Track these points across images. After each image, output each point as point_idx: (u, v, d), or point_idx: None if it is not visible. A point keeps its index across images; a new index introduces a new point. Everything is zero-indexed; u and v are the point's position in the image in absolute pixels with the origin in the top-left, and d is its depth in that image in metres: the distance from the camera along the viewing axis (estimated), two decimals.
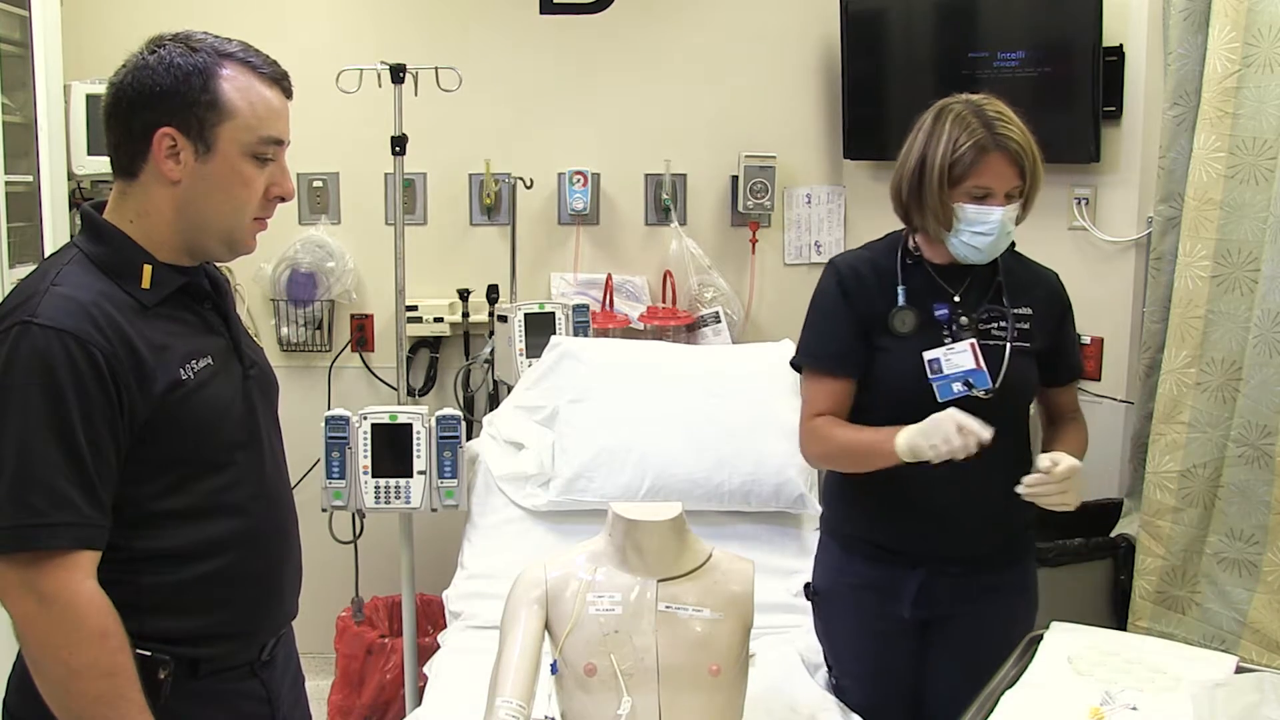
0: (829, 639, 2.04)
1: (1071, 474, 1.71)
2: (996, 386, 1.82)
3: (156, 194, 1.33)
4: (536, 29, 3.34)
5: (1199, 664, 1.62)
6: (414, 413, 2.52)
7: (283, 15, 3.18)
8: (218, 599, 1.37)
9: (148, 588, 1.31)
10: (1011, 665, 1.68)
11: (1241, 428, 2.40)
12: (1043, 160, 1.83)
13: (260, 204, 1.37)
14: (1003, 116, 1.80)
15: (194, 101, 1.30)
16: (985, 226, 1.78)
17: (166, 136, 1.30)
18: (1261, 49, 2.34)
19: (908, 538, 1.88)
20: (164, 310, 1.34)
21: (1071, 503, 1.73)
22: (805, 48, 3.39)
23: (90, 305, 1.26)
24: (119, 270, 1.31)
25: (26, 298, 1.27)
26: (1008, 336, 1.85)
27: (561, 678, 1.61)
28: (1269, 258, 2.32)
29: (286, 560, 1.49)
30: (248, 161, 1.34)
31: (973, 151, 1.77)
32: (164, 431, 1.30)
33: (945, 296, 1.88)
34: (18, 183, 2.46)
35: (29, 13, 2.51)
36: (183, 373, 1.32)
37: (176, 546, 1.33)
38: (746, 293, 3.44)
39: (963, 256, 1.84)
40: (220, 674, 1.39)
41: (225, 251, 1.40)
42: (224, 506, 1.37)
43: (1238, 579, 2.44)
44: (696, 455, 2.55)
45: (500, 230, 3.37)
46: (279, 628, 1.49)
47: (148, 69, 1.31)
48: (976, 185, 1.78)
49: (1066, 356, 1.96)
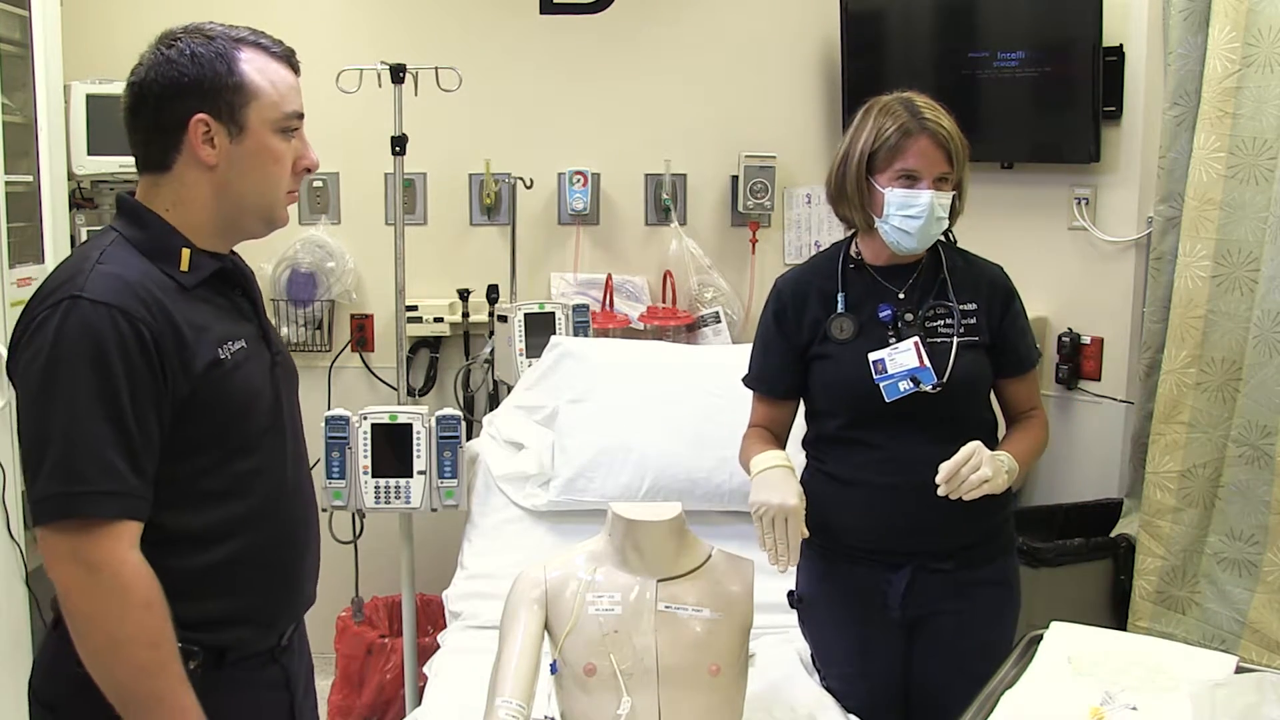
0: (815, 642, 2.05)
1: (973, 452, 1.73)
2: (944, 381, 1.84)
3: (193, 180, 1.36)
4: (536, 29, 3.34)
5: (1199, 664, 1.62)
6: (414, 413, 2.52)
7: (283, 15, 3.18)
8: (242, 582, 1.39)
9: (177, 571, 1.32)
10: (1011, 665, 1.67)
11: (1241, 428, 2.40)
12: (967, 155, 1.86)
13: (291, 177, 1.42)
14: (930, 106, 1.85)
15: (222, 86, 1.34)
16: (914, 209, 1.80)
17: (200, 123, 1.33)
18: (1261, 49, 2.34)
19: (883, 539, 1.90)
20: (201, 293, 1.37)
21: (991, 476, 1.73)
22: (805, 48, 3.39)
23: (136, 283, 1.29)
24: (159, 253, 1.35)
25: (72, 275, 1.29)
26: (954, 332, 1.87)
27: (561, 678, 1.61)
28: (1269, 258, 2.32)
29: (307, 546, 1.52)
30: (276, 137, 1.38)
31: (898, 135, 1.81)
32: (201, 410, 1.33)
33: (889, 296, 1.90)
34: (18, 183, 2.46)
35: (29, 13, 2.50)
36: (220, 352, 1.35)
37: (205, 527, 1.36)
38: (746, 293, 3.44)
39: (895, 243, 1.86)
40: (244, 661, 1.42)
41: (264, 226, 1.44)
42: (251, 490, 1.40)
43: (1238, 579, 2.44)
44: (696, 455, 2.55)
45: (500, 230, 3.37)
46: (299, 613, 1.53)
47: (170, 62, 1.34)
48: (903, 168, 1.82)
49: (1015, 347, 1.95)
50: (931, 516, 1.85)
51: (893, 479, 1.87)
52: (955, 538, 1.88)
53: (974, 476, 1.72)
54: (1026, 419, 1.98)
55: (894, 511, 1.88)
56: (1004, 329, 1.93)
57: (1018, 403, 1.99)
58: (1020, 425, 1.98)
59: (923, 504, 1.84)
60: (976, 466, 1.72)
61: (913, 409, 1.84)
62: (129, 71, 1.38)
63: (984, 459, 1.73)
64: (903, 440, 1.86)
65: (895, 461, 1.87)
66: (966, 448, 1.74)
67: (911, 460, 1.85)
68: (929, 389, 1.83)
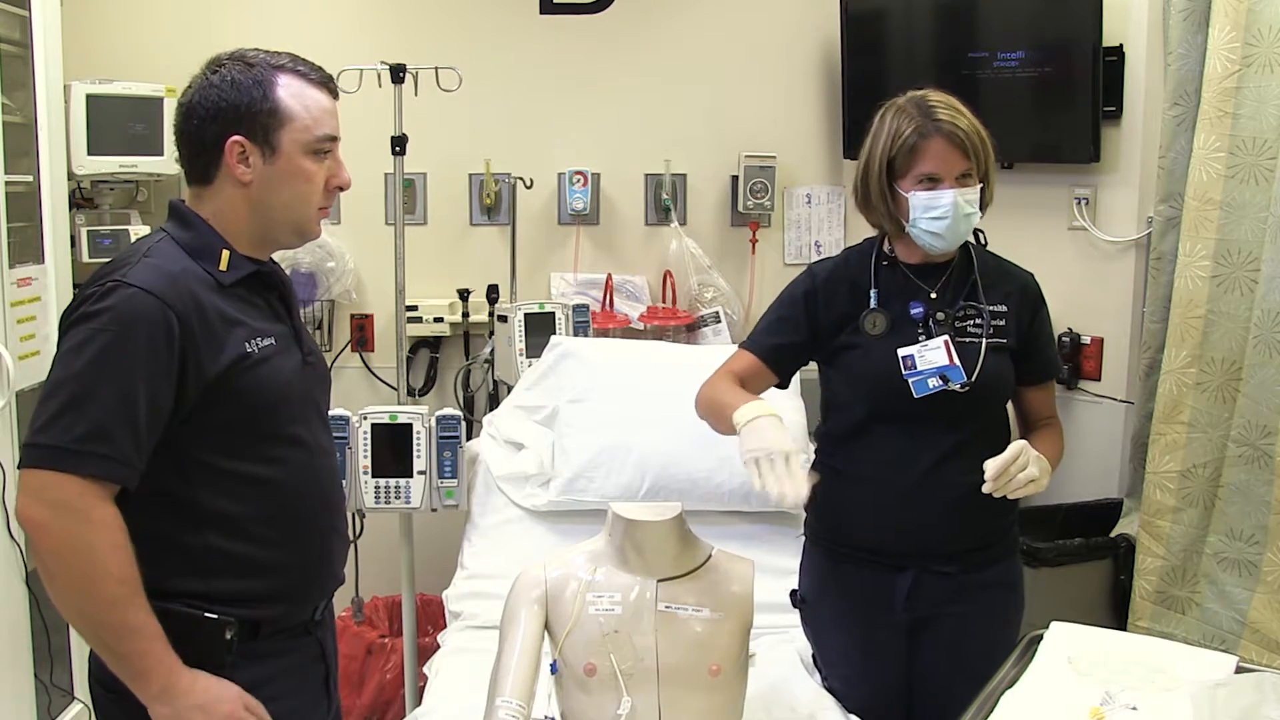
0: (818, 644, 2.04)
1: (1021, 450, 1.72)
2: (972, 381, 1.84)
3: (230, 195, 1.49)
4: (536, 29, 3.34)
5: (1199, 664, 1.62)
6: (414, 413, 2.52)
7: (283, 16, 3.18)
8: (273, 562, 1.49)
9: (214, 549, 1.45)
10: (1011, 665, 1.67)
11: (1241, 428, 2.40)
12: (994, 149, 1.85)
13: (322, 195, 1.54)
14: (944, 104, 1.83)
15: (257, 111, 1.46)
16: (938, 211, 1.80)
17: (236, 144, 1.46)
18: (1261, 49, 2.34)
19: (890, 539, 1.89)
20: (237, 291, 1.49)
21: (1039, 476, 1.73)
22: (805, 48, 3.39)
23: (176, 276, 1.42)
24: (201, 252, 1.48)
25: (121, 264, 1.43)
26: (983, 333, 1.87)
27: (561, 678, 1.61)
28: (1269, 258, 2.32)
29: (336, 530, 1.63)
30: (308, 158, 1.50)
31: (914, 138, 1.81)
32: (229, 397, 1.44)
33: (921, 295, 1.90)
34: (18, 183, 2.46)
35: (29, 13, 2.50)
36: (248, 346, 1.46)
37: (238, 509, 1.46)
38: (746, 293, 3.44)
39: (926, 246, 1.86)
40: (278, 635, 1.53)
41: (296, 239, 1.58)
42: (281, 476, 1.50)
43: (1238, 579, 2.44)
44: (696, 455, 2.55)
45: (500, 230, 3.37)
46: (329, 592, 1.64)
47: (213, 87, 1.47)
48: (922, 172, 1.81)
49: (1040, 354, 1.96)
50: (938, 518, 1.85)
51: (902, 479, 1.86)
52: (961, 540, 1.88)
53: (1021, 476, 1.71)
54: (1045, 427, 1.98)
55: (901, 512, 1.87)
56: (1031, 335, 1.93)
57: (1036, 411, 1.99)
58: (1041, 433, 1.96)
59: (930, 505, 1.85)
60: (1024, 466, 1.71)
61: (935, 409, 1.84)
62: (181, 91, 1.52)
63: (1031, 458, 1.73)
64: (917, 440, 1.86)
65: (906, 462, 1.86)
66: (1014, 446, 1.73)
67: (923, 462, 1.85)
68: (957, 388, 1.83)
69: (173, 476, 1.42)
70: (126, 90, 2.91)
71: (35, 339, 2.41)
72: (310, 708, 1.61)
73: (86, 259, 2.86)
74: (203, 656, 1.42)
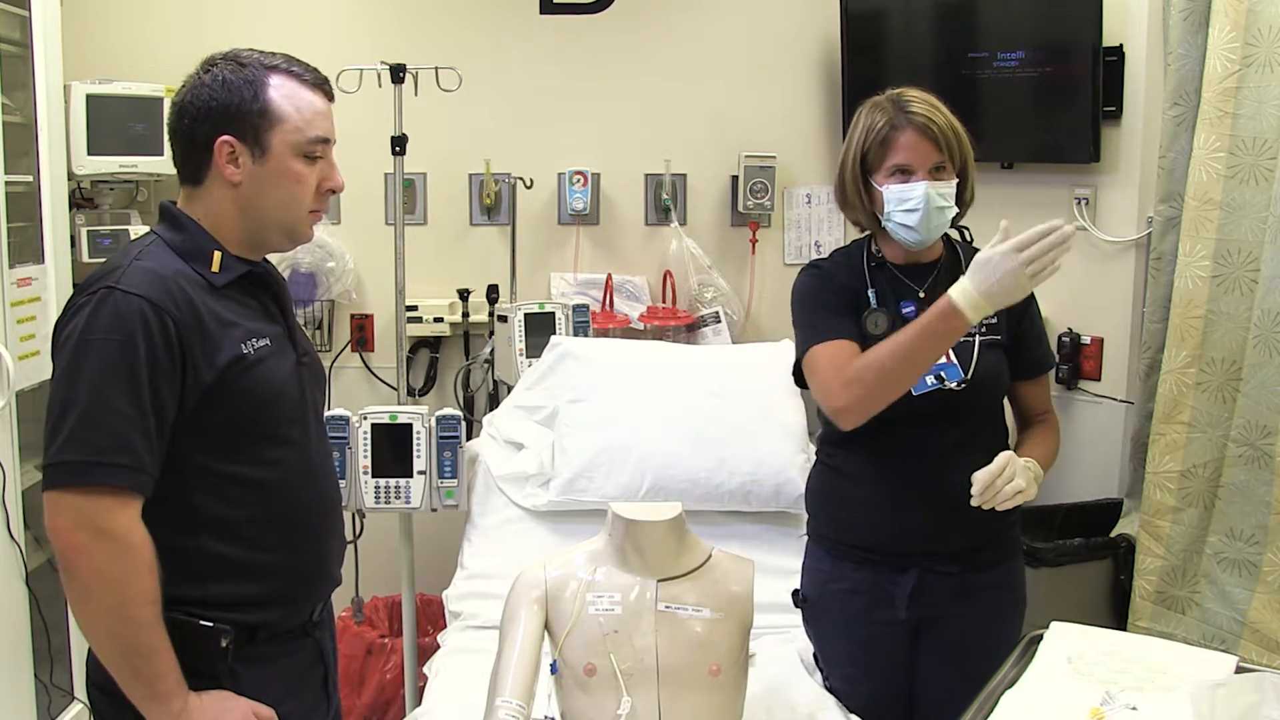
0: (819, 643, 2.04)
1: (1007, 463, 1.72)
2: (968, 378, 1.84)
3: (220, 196, 1.48)
4: (536, 29, 3.34)
5: (1199, 664, 1.62)
6: (414, 413, 2.52)
7: (283, 16, 3.18)
8: (269, 566, 1.49)
9: (210, 554, 1.44)
10: (1011, 665, 1.67)
11: (1241, 428, 2.40)
12: (971, 145, 1.86)
13: (314, 197, 1.52)
14: (919, 99, 1.84)
15: (247, 111, 1.45)
16: (911, 203, 1.81)
17: (226, 144, 1.45)
18: (1261, 49, 2.34)
19: (892, 538, 1.89)
20: (230, 293, 1.48)
21: (1025, 487, 1.73)
22: (805, 48, 3.39)
23: (168, 279, 1.41)
24: (193, 254, 1.47)
25: (112, 269, 1.41)
26: (976, 330, 1.86)
27: (561, 678, 1.61)
28: (1269, 258, 2.32)
29: (332, 531, 1.62)
30: (299, 160, 1.49)
31: (886, 130, 1.82)
32: (225, 399, 1.43)
33: (911, 294, 1.91)
34: (18, 183, 2.46)
35: (29, 13, 2.50)
36: (244, 348, 1.45)
37: (234, 512, 1.46)
38: (746, 293, 3.44)
39: (901, 239, 1.86)
40: (277, 637, 1.52)
41: (286, 241, 1.56)
42: (277, 478, 1.50)
43: (1238, 579, 2.44)
44: (696, 455, 2.55)
45: (500, 230, 3.37)
46: (326, 594, 1.63)
47: (204, 87, 1.46)
48: (894, 163, 1.82)
49: (1032, 349, 1.96)
50: (940, 519, 1.85)
51: (902, 478, 1.87)
52: (963, 540, 1.88)
53: (1008, 488, 1.71)
54: (1041, 423, 1.98)
55: (902, 511, 1.88)
56: (1022, 330, 1.94)
57: (1031, 406, 1.99)
58: (1036, 430, 1.97)
59: (932, 506, 1.85)
60: (1010, 478, 1.72)
61: (933, 408, 1.84)
62: (175, 90, 1.51)
63: (1018, 469, 1.73)
64: (917, 439, 1.86)
65: (907, 460, 1.87)
66: (1000, 458, 1.73)
67: (925, 462, 1.85)
68: (954, 385, 1.84)
69: (167, 480, 1.41)
70: (126, 90, 2.91)
71: (35, 339, 2.42)
72: (310, 709, 1.61)
73: (86, 259, 2.86)
74: (198, 665, 1.42)
